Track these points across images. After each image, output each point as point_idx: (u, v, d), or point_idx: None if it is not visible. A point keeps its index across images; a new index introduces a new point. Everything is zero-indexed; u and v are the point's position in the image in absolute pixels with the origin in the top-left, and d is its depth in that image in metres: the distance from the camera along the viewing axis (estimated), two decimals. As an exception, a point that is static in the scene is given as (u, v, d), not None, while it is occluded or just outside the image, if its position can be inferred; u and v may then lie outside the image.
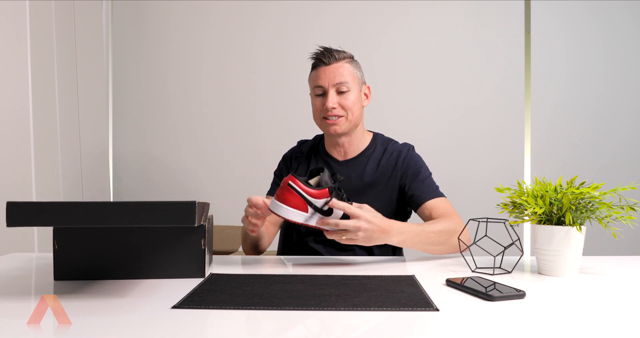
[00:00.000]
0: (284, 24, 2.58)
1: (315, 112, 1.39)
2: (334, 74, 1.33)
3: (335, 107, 1.33)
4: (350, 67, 1.36)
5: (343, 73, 1.34)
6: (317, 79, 1.36)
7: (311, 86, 1.39)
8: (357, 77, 1.38)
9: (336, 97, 1.34)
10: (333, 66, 1.34)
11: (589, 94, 2.55)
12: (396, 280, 0.97)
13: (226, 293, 0.86)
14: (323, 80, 1.34)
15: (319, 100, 1.37)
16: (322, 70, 1.35)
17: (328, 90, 1.34)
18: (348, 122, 1.36)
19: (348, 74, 1.35)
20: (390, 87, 2.54)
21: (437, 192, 1.36)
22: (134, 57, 2.63)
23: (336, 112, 1.34)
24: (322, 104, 1.35)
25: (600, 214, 1.03)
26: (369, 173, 1.40)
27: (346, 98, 1.34)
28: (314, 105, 1.39)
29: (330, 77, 1.33)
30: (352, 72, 1.36)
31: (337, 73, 1.33)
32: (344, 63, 1.35)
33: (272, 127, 2.57)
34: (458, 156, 2.54)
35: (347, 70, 1.35)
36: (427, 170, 1.42)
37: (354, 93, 1.36)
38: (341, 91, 1.34)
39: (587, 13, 2.55)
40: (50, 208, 0.78)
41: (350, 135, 1.40)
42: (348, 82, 1.34)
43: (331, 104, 1.33)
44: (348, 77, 1.34)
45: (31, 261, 1.21)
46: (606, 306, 0.83)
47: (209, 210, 1.13)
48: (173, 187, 2.62)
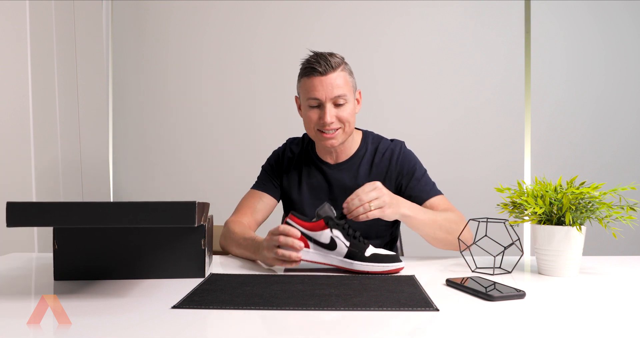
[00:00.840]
0: (284, 24, 2.58)
1: (309, 123, 1.33)
2: (331, 86, 1.27)
3: (333, 121, 1.28)
4: (346, 75, 1.31)
5: (340, 84, 1.28)
6: (312, 90, 1.28)
7: (304, 96, 1.32)
8: (352, 85, 1.33)
9: (334, 110, 1.29)
10: (330, 77, 1.27)
11: (589, 94, 2.55)
12: (396, 280, 0.97)
13: (226, 293, 0.86)
14: (320, 92, 1.27)
15: (314, 112, 1.30)
16: (317, 81, 1.27)
17: (325, 104, 1.28)
18: (344, 134, 1.33)
19: (345, 85, 1.29)
20: (390, 87, 2.54)
21: (435, 190, 1.36)
22: (134, 57, 2.63)
23: (334, 125, 1.29)
24: (318, 117, 1.30)
25: (600, 214, 1.03)
26: (363, 175, 1.39)
27: (343, 110, 1.29)
28: (307, 116, 1.32)
29: (327, 89, 1.27)
30: (348, 82, 1.31)
31: (334, 85, 1.27)
32: (340, 72, 1.29)
33: (272, 127, 2.57)
34: (458, 156, 2.54)
35: (343, 80, 1.29)
36: (422, 166, 1.40)
37: (351, 104, 1.31)
38: (338, 103, 1.29)
39: (587, 13, 2.55)
40: (50, 208, 0.79)
41: (344, 142, 1.37)
42: (346, 94, 1.29)
43: (329, 119, 1.27)
44: (345, 88, 1.29)
45: (31, 261, 1.21)
46: (606, 306, 0.83)
47: (209, 210, 1.13)
48: (173, 187, 2.62)
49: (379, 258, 1.05)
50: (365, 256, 1.05)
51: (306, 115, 1.33)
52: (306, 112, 1.33)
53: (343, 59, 1.32)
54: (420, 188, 1.35)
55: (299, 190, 1.43)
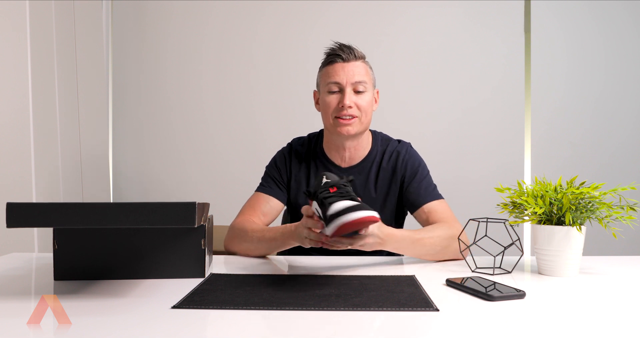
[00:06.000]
0: (284, 24, 2.58)
1: (326, 109, 1.31)
2: (352, 72, 1.28)
3: (352, 105, 1.27)
4: (367, 68, 1.32)
5: (362, 73, 1.29)
6: (334, 74, 1.29)
7: (323, 82, 1.32)
8: (372, 78, 1.34)
9: (353, 96, 1.28)
10: (352, 64, 1.29)
11: (589, 94, 2.55)
12: (396, 280, 0.97)
13: (226, 293, 0.86)
14: (341, 76, 1.28)
15: (333, 97, 1.30)
16: (339, 66, 1.28)
17: (345, 88, 1.28)
18: (361, 124, 1.30)
19: (366, 74, 1.30)
20: (390, 87, 2.54)
21: (435, 194, 1.33)
22: (134, 57, 2.63)
23: (352, 111, 1.28)
24: (338, 102, 1.28)
25: (600, 214, 1.03)
26: (373, 179, 1.36)
27: (363, 99, 1.29)
28: (326, 102, 1.31)
29: (349, 74, 1.28)
30: (369, 73, 1.32)
31: (356, 71, 1.28)
32: (362, 63, 1.31)
33: (272, 127, 2.57)
34: (458, 156, 2.54)
35: (364, 69, 1.31)
36: (425, 168, 1.38)
37: (369, 94, 1.31)
38: (358, 91, 1.29)
39: (587, 13, 2.55)
40: (50, 209, 0.79)
41: (358, 138, 1.34)
42: (366, 82, 1.29)
43: (348, 102, 1.26)
44: (366, 77, 1.30)
45: (31, 261, 1.21)
46: (606, 306, 0.83)
47: (209, 211, 1.13)
48: (173, 187, 2.62)
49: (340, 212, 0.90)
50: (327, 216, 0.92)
51: (325, 102, 1.31)
52: (325, 98, 1.31)
53: (365, 56, 1.34)
54: (420, 191, 1.32)
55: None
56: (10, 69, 1.78)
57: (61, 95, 2.07)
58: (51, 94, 2.02)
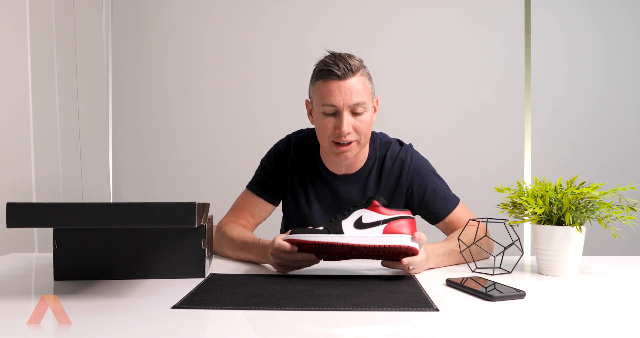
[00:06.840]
0: (284, 24, 2.58)
1: (322, 132, 1.21)
2: (350, 93, 1.15)
3: (350, 131, 1.17)
4: (366, 81, 1.19)
5: (360, 91, 1.16)
6: (329, 95, 1.16)
7: (318, 101, 1.19)
8: (371, 91, 1.22)
9: (351, 119, 1.17)
10: (349, 82, 1.15)
11: (589, 94, 2.55)
12: (396, 280, 0.97)
13: (226, 293, 0.86)
14: (337, 99, 1.15)
15: (329, 120, 1.18)
16: (335, 86, 1.15)
17: (342, 111, 1.16)
18: (359, 147, 1.22)
19: (364, 91, 1.18)
20: (390, 87, 2.54)
21: (452, 200, 1.29)
22: (134, 57, 2.63)
23: (350, 137, 1.18)
24: (334, 127, 1.18)
25: (600, 214, 1.03)
26: (372, 187, 1.30)
27: (361, 121, 1.18)
28: (321, 124, 1.20)
29: (346, 96, 1.15)
30: (367, 88, 1.19)
31: (353, 91, 1.15)
32: (360, 76, 1.18)
33: (272, 127, 2.56)
34: (458, 156, 2.54)
35: (363, 85, 1.18)
36: (433, 174, 1.32)
37: (369, 113, 1.21)
38: (357, 112, 1.18)
39: (587, 13, 2.55)
40: (50, 209, 0.79)
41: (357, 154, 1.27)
42: (365, 102, 1.17)
43: (346, 128, 1.16)
44: (364, 95, 1.17)
45: (31, 261, 1.21)
46: (606, 306, 0.83)
47: (209, 211, 1.13)
48: (173, 187, 2.61)
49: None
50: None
51: (320, 124, 1.21)
52: (320, 119, 1.20)
53: (362, 61, 1.21)
54: (437, 204, 1.27)
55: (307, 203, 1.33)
56: (10, 69, 1.78)
57: (61, 95, 2.07)
58: (51, 94, 2.02)
